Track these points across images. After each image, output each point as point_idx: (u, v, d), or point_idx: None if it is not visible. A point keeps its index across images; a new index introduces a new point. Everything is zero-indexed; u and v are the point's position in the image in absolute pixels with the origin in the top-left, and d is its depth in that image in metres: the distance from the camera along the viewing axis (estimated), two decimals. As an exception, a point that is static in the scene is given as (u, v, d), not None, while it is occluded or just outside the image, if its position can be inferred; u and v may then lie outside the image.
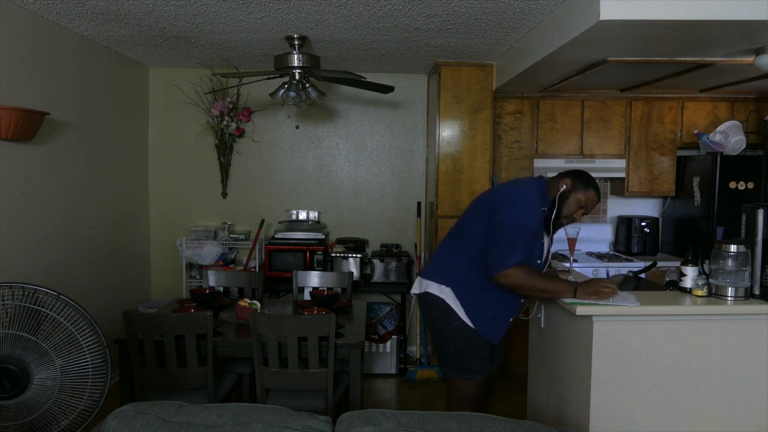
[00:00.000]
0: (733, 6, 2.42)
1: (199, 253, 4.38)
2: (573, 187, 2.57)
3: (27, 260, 3.17)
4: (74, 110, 3.61)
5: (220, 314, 3.21)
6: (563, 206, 2.58)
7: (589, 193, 2.58)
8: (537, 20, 3.15)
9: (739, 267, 2.43)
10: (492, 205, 2.58)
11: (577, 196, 2.57)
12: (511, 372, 4.19)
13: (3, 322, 2.34)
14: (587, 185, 2.59)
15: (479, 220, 2.61)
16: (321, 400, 2.81)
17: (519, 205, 2.53)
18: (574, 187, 2.57)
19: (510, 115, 4.50)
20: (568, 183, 2.58)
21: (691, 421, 2.42)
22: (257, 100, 4.66)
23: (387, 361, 4.42)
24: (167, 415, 1.51)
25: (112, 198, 4.14)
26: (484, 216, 2.59)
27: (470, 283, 2.61)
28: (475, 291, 2.60)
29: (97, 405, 2.44)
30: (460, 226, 2.74)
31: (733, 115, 4.50)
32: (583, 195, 2.57)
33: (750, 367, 2.43)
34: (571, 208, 2.59)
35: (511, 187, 2.69)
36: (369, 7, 2.95)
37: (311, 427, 1.48)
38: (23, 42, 3.09)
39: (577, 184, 2.58)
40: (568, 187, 2.57)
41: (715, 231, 4.13)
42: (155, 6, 2.99)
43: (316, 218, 4.80)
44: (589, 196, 2.58)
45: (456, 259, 2.66)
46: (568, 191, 2.57)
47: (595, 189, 2.61)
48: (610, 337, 2.39)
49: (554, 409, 2.79)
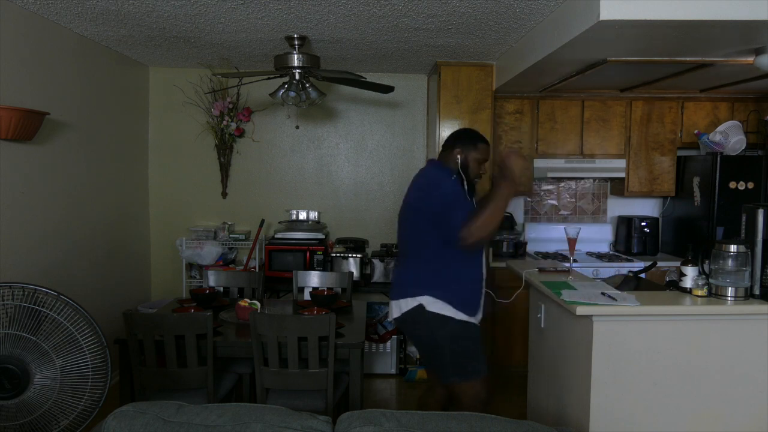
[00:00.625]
0: (733, 6, 2.42)
1: (199, 253, 4.38)
2: (465, 152, 2.69)
3: (27, 260, 3.17)
4: (74, 110, 3.61)
5: (220, 314, 3.21)
6: (468, 172, 2.70)
7: (479, 148, 2.71)
8: (537, 20, 3.15)
9: (739, 267, 2.43)
10: (413, 206, 2.70)
11: (474, 156, 2.70)
12: (511, 372, 4.19)
13: (3, 322, 2.34)
14: (474, 141, 2.71)
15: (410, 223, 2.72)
16: (321, 400, 2.81)
17: (433, 182, 2.66)
18: (466, 151, 2.69)
19: (510, 115, 4.50)
20: (459, 152, 2.70)
21: (691, 421, 2.43)
22: (257, 100, 4.66)
23: (387, 361, 4.42)
24: (167, 415, 1.51)
25: (112, 198, 4.14)
26: (410, 218, 2.71)
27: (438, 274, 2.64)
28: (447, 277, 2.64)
29: (97, 405, 2.44)
30: (401, 237, 2.83)
31: (733, 115, 4.50)
32: (476, 152, 2.70)
33: (750, 367, 2.43)
34: (475, 170, 2.72)
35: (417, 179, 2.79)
36: (369, 7, 2.95)
37: (311, 427, 1.48)
38: (23, 42, 3.10)
39: (467, 146, 2.70)
40: (461, 154, 2.69)
41: (715, 231, 4.13)
42: (155, 6, 2.99)
43: (316, 218, 4.80)
44: (481, 149, 2.71)
45: (415, 265, 2.72)
46: (465, 157, 2.69)
47: (482, 140, 2.73)
48: (610, 337, 2.39)
49: (554, 409, 2.79)
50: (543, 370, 2.99)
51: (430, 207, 2.60)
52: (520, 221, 4.80)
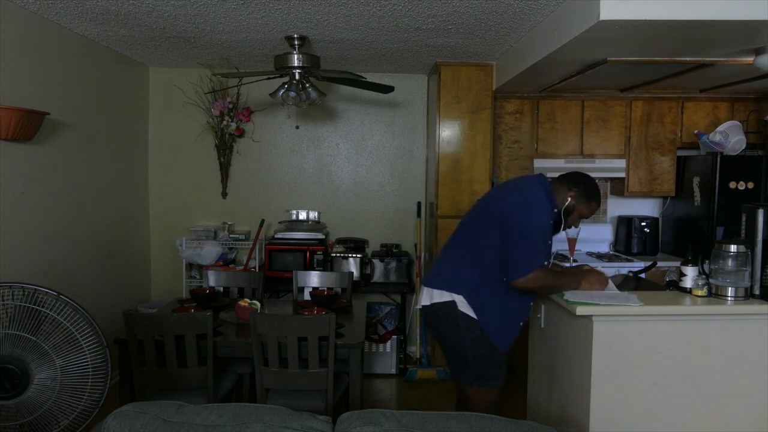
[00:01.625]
0: (733, 6, 2.42)
1: (199, 253, 4.38)
2: (578, 202, 2.60)
3: (27, 260, 3.17)
4: (74, 110, 3.61)
5: (220, 314, 3.21)
6: (568, 218, 2.62)
7: (592, 206, 2.63)
8: (537, 20, 3.15)
9: (739, 267, 2.43)
10: (505, 211, 2.51)
11: (581, 209, 2.62)
12: (511, 372, 4.19)
13: (3, 322, 2.34)
14: (591, 199, 2.62)
15: (490, 225, 2.54)
16: (321, 400, 2.81)
17: (534, 207, 2.50)
18: (579, 202, 2.61)
19: (510, 115, 4.50)
20: (573, 197, 2.59)
21: (691, 421, 2.43)
22: (257, 100, 4.66)
23: (387, 361, 4.42)
24: (167, 415, 1.51)
25: (112, 198, 4.14)
26: (495, 221, 2.52)
27: (483, 290, 2.54)
28: (489, 298, 2.54)
29: (97, 405, 2.44)
30: (468, 231, 2.66)
31: (733, 115, 4.50)
32: (586, 208, 2.63)
33: (750, 367, 2.43)
34: (575, 220, 2.65)
35: (521, 189, 2.60)
36: (369, 7, 2.95)
37: (311, 427, 1.48)
38: (23, 42, 3.09)
39: (581, 199, 2.61)
40: (573, 200, 2.60)
41: (715, 231, 4.13)
42: (155, 6, 2.99)
43: (316, 218, 4.80)
44: (592, 208, 2.64)
45: (466, 266, 2.58)
46: (573, 205, 2.61)
47: (598, 201, 2.65)
48: (610, 337, 2.39)
49: (554, 409, 2.79)
50: (543, 370, 2.98)
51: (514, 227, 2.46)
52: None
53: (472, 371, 2.59)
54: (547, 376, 2.91)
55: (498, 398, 2.62)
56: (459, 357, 2.61)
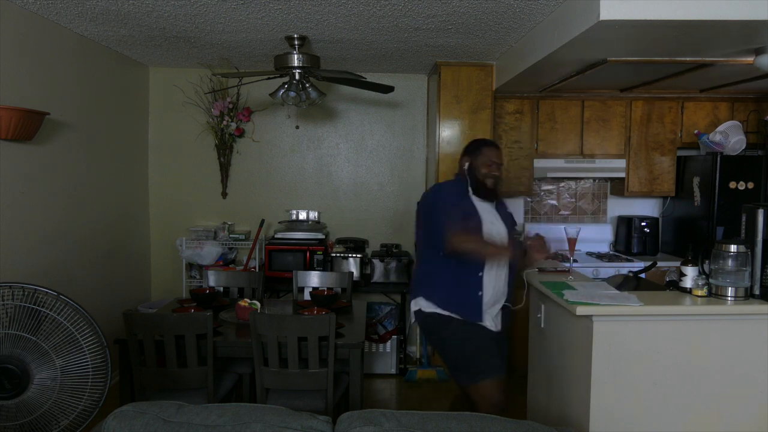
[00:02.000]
0: (732, 6, 2.42)
1: (199, 253, 4.38)
2: (471, 159, 2.73)
3: (27, 260, 3.17)
4: (74, 110, 3.61)
5: (220, 314, 3.21)
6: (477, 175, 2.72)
7: (483, 152, 2.73)
8: (537, 20, 3.15)
9: (739, 267, 2.43)
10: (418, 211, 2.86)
11: (479, 162, 2.71)
12: (512, 372, 4.18)
13: (3, 322, 2.34)
14: (477, 148, 2.75)
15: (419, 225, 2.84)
16: (321, 400, 2.81)
17: (433, 190, 2.83)
18: (471, 158, 2.73)
19: (510, 115, 4.49)
20: (465, 159, 2.76)
21: (691, 421, 2.43)
22: (257, 100, 4.66)
23: (387, 361, 4.42)
24: (167, 415, 1.51)
25: (112, 198, 4.14)
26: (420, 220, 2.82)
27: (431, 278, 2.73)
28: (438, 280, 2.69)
29: (97, 405, 2.44)
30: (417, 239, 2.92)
31: (733, 115, 4.50)
32: (481, 157, 2.72)
33: (750, 367, 2.43)
34: (483, 171, 2.72)
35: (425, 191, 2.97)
36: (369, 7, 2.95)
37: (311, 427, 1.48)
38: (23, 42, 3.09)
39: (472, 155, 2.74)
40: (467, 161, 2.75)
41: (715, 231, 4.13)
42: (155, 6, 2.99)
43: (316, 218, 4.80)
44: (485, 152, 2.73)
45: (419, 268, 2.83)
46: (470, 164, 2.74)
47: (485, 144, 2.77)
48: (610, 337, 2.39)
49: (554, 409, 2.79)
50: (543, 370, 2.99)
51: (424, 211, 2.77)
52: (520, 221, 4.80)
53: (460, 369, 2.67)
54: (547, 376, 2.91)
55: (496, 394, 2.59)
56: (445, 359, 2.75)
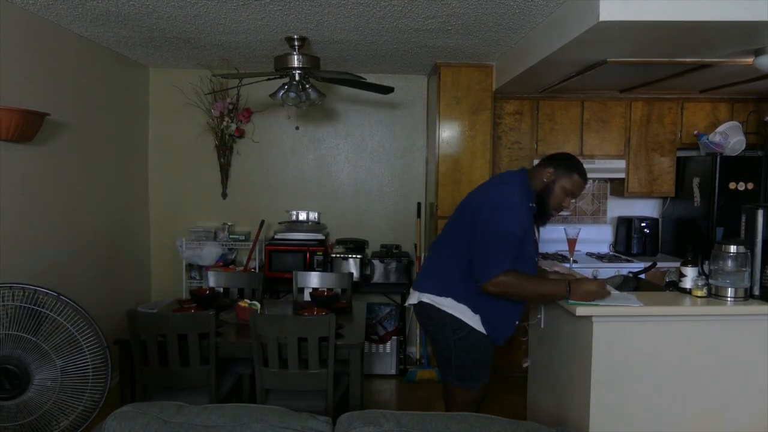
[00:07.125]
0: (732, 7, 2.42)
1: (199, 253, 4.38)
2: (556, 176, 2.46)
3: (27, 261, 3.17)
4: (74, 111, 3.61)
5: (221, 315, 3.21)
6: (549, 199, 2.48)
7: (574, 179, 2.46)
8: (537, 21, 3.15)
9: (739, 267, 2.43)
10: (476, 210, 2.44)
11: (562, 185, 2.46)
12: (511, 372, 4.19)
13: (3, 322, 2.34)
14: (570, 170, 2.46)
15: (465, 225, 2.49)
16: (321, 401, 2.81)
17: (504, 208, 2.38)
18: (558, 176, 2.46)
19: (510, 115, 4.50)
20: (551, 172, 2.46)
21: (691, 421, 2.43)
22: (257, 100, 4.67)
23: (387, 361, 4.42)
24: (167, 416, 1.51)
25: (113, 199, 4.14)
26: (468, 220, 2.47)
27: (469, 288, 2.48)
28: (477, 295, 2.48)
29: (97, 405, 2.44)
30: (448, 232, 2.62)
31: (733, 115, 4.50)
32: (568, 182, 2.46)
33: (750, 367, 2.43)
34: (558, 199, 2.48)
35: (494, 188, 2.53)
36: (369, 8, 2.95)
37: (311, 427, 1.48)
38: (23, 43, 3.10)
39: (560, 172, 2.46)
40: (552, 176, 2.46)
41: (714, 231, 4.13)
42: (155, 7, 2.99)
43: (316, 219, 4.80)
44: (575, 181, 2.46)
45: (449, 268, 2.54)
46: (552, 182, 2.46)
47: (580, 172, 2.48)
48: (610, 338, 2.39)
49: (554, 409, 2.79)
50: (543, 370, 2.99)
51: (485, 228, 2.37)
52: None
53: (454, 371, 2.59)
54: (547, 376, 2.91)
55: (478, 397, 2.60)
56: (443, 356, 2.61)
